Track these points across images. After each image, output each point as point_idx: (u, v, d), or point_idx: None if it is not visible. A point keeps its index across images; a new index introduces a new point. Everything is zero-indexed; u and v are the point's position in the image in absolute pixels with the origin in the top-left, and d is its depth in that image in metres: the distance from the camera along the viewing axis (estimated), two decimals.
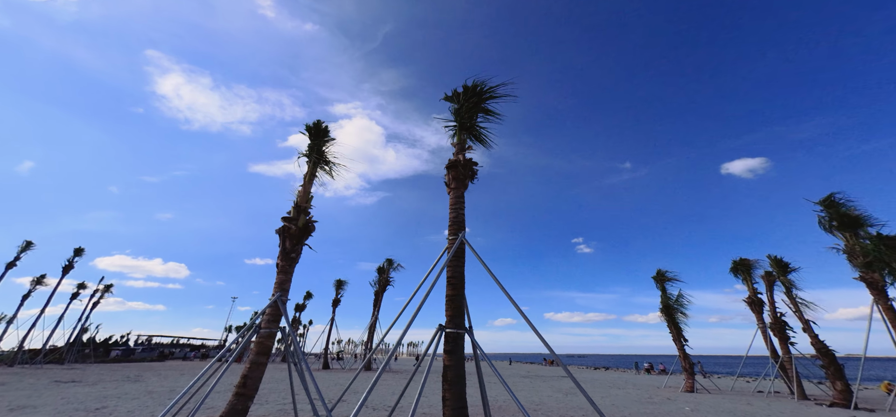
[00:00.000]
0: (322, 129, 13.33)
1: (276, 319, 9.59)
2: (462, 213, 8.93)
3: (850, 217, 15.58)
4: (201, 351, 68.03)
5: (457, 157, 9.82)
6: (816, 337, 16.34)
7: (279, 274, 10.25)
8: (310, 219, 11.35)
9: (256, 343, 9.17)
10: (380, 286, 43.00)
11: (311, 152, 12.84)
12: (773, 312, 19.97)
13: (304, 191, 11.89)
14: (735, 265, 24.80)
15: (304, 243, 11.10)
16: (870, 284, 13.99)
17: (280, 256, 10.53)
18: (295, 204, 11.54)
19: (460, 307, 7.59)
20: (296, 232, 10.85)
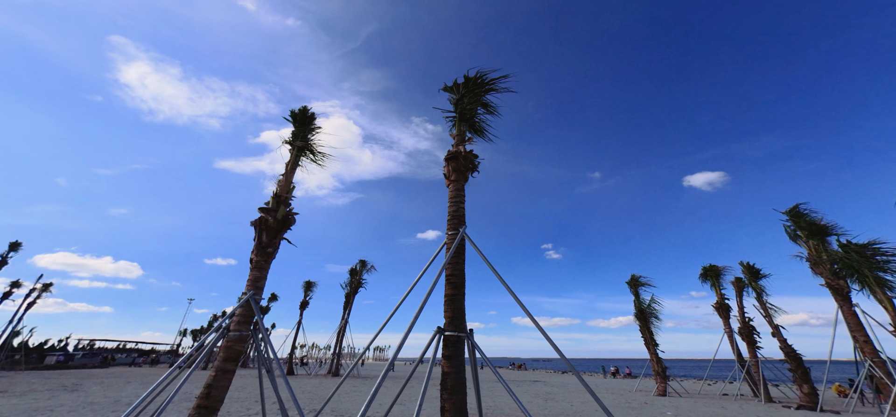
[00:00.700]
0: (309, 116, 12.33)
1: (248, 320, 8.51)
2: (462, 207, 8.33)
3: (819, 226, 16.52)
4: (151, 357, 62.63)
5: (457, 148, 9.23)
6: (785, 341, 17.15)
7: (253, 270, 9.16)
8: (290, 211, 10.32)
9: (224, 347, 8.05)
10: (351, 288, 41.42)
11: (295, 139, 11.81)
12: (741, 317, 20.87)
13: (285, 181, 10.84)
14: (705, 271, 25.89)
15: (282, 237, 10.05)
16: (835, 290, 14.81)
17: (255, 251, 9.44)
18: (274, 193, 10.47)
19: (461, 308, 6.96)
20: (274, 224, 9.80)
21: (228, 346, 8.04)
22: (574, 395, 21.06)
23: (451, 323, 6.73)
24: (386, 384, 26.26)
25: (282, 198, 10.43)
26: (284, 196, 10.53)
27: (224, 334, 8.20)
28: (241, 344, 8.19)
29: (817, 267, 17.21)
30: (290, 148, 11.89)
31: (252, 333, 8.49)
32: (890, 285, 11.90)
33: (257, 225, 9.81)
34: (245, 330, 8.36)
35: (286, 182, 10.89)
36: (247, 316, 8.51)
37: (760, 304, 18.95)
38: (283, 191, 10.64)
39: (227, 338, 8.14)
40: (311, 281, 44.40)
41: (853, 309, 14.09)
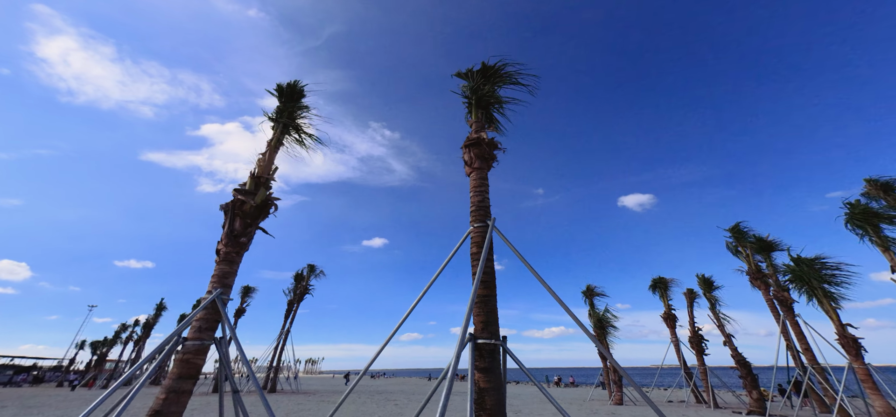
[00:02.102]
0: (298, 91, 10.65)
1: (212, 326, 6.66)
2: (487, 197, 7.46)
3: (766, 242, 18.38)
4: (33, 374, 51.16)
5: (478, 135, 8.35)
6: (736, 350, 18.65)
7: (221, 263, 7.32)
8: (270, 195, 8.56)
9: (179, 360, 6.13)
10: (296, 295, 37.81)
11: (279, 116, 10.05)
12: (691, 327, 22.48)
13: (267, 160, 9.08)
14: (654, 283, 27.75)
15: (259, 225, 8.26)
16: (781, 301, 16.44)
17: (224, 239, 7.59)
18: (252, 174, 8.65)
19: (495, 311, 5.99)
20: (251, 209, 8.02)
21: (185, 359, 6.13)
22: (532, 406, 20.84)
23: (484, 329, 5.72)
24: (371, 401, 23.72)
25: (262, 180, 8.65)
26: (264, 177, 8.75)
27: (179, 344, 6.26)
28: (200, 357, 6.31)
29: (757, 280, 19.13)
30: (274, 124, 10.09)
31: (217, 343, 6.62)
32: (834, 297, 13.34)
33: (229, 210, 7.96)
34: (207, 338, 6.48)
35: (268, 161, 9.11)
36: (210, 321, 6.64)
37: (714, 314, 20.57)
38: (263, 172, 8.86)
39: (182, 349, 6.21)
40: (250, 287, 39.83)
41: (797, 320, 15.73)
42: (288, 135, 10.30)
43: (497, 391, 5.44)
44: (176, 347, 6.21)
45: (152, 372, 5.70)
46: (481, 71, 9.73)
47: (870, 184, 15.37)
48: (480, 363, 5.60)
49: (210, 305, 6.66)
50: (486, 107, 9.69)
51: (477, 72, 10.06)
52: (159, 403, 5.69)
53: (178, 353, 6.17)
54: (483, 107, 9.59)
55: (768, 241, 18.48)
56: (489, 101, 9.74)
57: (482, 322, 5.88)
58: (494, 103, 9.87)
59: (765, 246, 18.55)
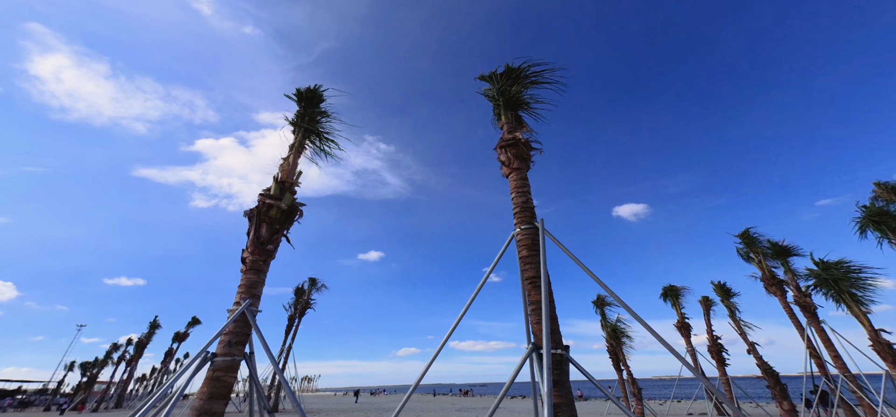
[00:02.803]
0: (317, 96, 10.28)
1: (241, 340, 6.12)
2: (530, 198, 7.06)
3: (782, 247, 18.12)
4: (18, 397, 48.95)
5: (513, 135, 8.04)
6: (761, 358, 18.17)
7: (248, 272, 6.82)
8: (296, 201, 8.11)
9: (208, 378, 5.58)
10: (297, 310, 36.80)
11: (299, 120, 9.68)
12: (710, 335, 21.98)
13: (290, 165, 8.68)
14: (665, 291, 27.30)
15: (285, 232, 7.79)
16: (803, 307, 16.07)
17: (250, 247, 7.10)
18: (276, 179, 8.23)
19: (555, 318, 5.54)
20: (278, 214, 7.57)
21: (215, 377, 5.57)
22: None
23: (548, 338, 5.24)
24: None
25: (287, 184, 8.21)
26: (289, 182, 8.31)
27: (209, 360, 5.70)
28: (231, 374, 5.76)
29: (772, 287, 18.81)
30: (294, 129, 9.71)
31: (247, 358, 6.08)
32: (862, 301, 13.03)
33: (255, 216, 7.50)
34: (237, 353, 5.94)
35: (292, 166, 8.69)
36: (240, 335, 6.11)
37: (734, 322, 20.12)
38: (287, 176, 8.43)
39: (212, 366, 5.66)
40: None
41: (822, 326, 15.37)
42: (309, 140, 9.93)
43: (569, 407, 4.96)
44: (204, 364, 5.65)
45: (181, 393, 5.13)
46: (505, 73, 9.58)
47: (879, 187, 15.24)
48: (550, 375, 5.11)
49: (239, 318, 6.14)
50: (515, 108, 9.45)
51: (501, 75, 9.99)
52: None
53: (209, 370, 5.61)
54: (512, 108, 9.36)
55: (784, 246, 18.23)
56: (518, 102, 9.51)
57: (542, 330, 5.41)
58: (523, 104, 9.64)
59: (780, 251, 18.29)
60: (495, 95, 10.03)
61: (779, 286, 18.63)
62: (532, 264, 6.01)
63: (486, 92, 10.96)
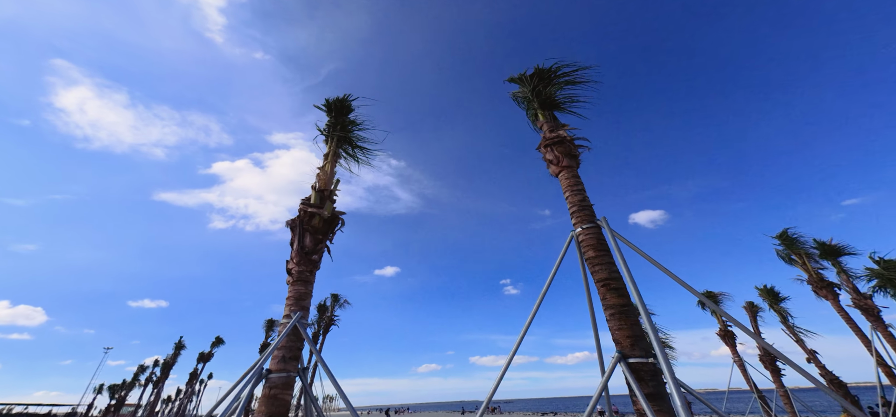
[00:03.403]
0: (346, 106, 10.24)
1: (295, 355, 5.85)
2: (586, 195, 6.67)
3: (830, 246, 17.00)
4: None
5: (557, 133, 7.72)
6: (824, 368, 16.85)
7: (295, 284, 6.59)
8: (336, 210, 7.94)
9: (265, 397, 5.30)
10: (321, 326, 36.65)
11: (332, 130, 9.63)
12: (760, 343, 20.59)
13: (327, 173, 8.53)
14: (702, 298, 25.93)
15: (328, 241, 7.60)
16: (865, 310, 14.86)
17: (295, 258, 6.91)
18: (315, 188, 8.10)
19: (638, 322, 5.07)
20: (320, 223, 7.38)
21: (272, 396, 5.29)
22: None
23: (634, 346, 4.78)
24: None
25: (326, 193, 8.05)
26: (328, 190, 8.16)
27: (263, 378, 5.44)
28: (288, 392, 5.47)
29: (822, 289, 17.57)
30: (327, 138, 9.67)
31: (301, 374, 5.79)
32: None
33: (297, 225, 7.33)
34: (292, 369, 5.67)
35: (328, 175, 8.56)
36: (293, 350, 5.85)
37: (788, 329, 18.82)
38: (325, 185, 8.29)
39: (268, 383, 5.39)
40: (274, 320, 38.91)
41: (889, 330, 14.14)
42: (342, 149, 9.86)
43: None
44: (260, 381, 5.39)
45: (240, 414, 4.86)
46: (535, 75, 9.46)
47: None
48: (646, 387, 4.62)
49: (292, 332, 5.89)
50: (551, 108, 9.19)
51: (530, 77, 9.86)
52: None
53: (265, 388, 5.35)
54: (548, 107, 9.11)
55: (834, 245, 17.03)
56: (554, 102, 9.25)
57: (629, 337, 4.92)
58: (558, 104, 9.37)
59: (830, 250, 17.11)
60: (529, 96, 9.86)
61: (829, 288, 17.43)
62: (603, 265, 5.58)
63: (517, 94, 10.81)
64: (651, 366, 4.59)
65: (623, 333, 4.89)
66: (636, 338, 4.83)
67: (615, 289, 5.28)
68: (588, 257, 5.84)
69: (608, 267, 5.55)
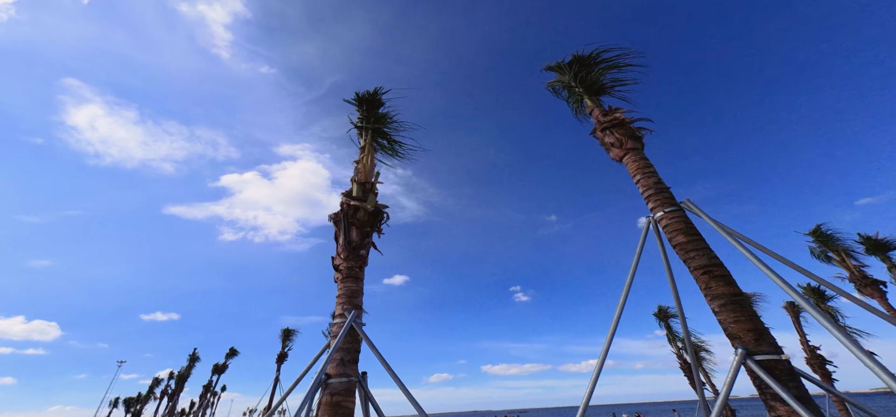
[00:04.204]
0: (377, 100, 9.79)
1: (353, 358, 5.29)
2: (660, 178, 6.08)
3: (877, 241, 16.12)
4: None
5: (614, 115, 7.15)
6: (887, 370, 15.76)
7: (345, 281, 6.06)
8: (379, 204, 7.43)
9: (327, 404, 4.74)
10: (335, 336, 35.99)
11: (365, 122, 9.19)
12: (805, 345, 19.50)
13: (367, 166, 8.05)
14: None
15: (372, 236, 7.08)
16: None
17: (341, 253, 6.39)
18: (355, 181, 7.59)
19: (757, 313, 4.41)
20: (365, 216, 6.88)
21: (334, 403, 4.72)
22: None
23: (759, 340, 4.11)
24: None
25: (367, 186, 7.56)
26: (369, 183, 7.67)
27: (324, 382, 4.88)
28: (349, 398, 4.90)
29: (867, 287, 16.58)
30: (360, 132, 9.22)
31: (361, 379, 5.22)
32: None
33: (342, 220, 6.83)
34: (351, 373, 5.10)
35: (368, 167, 8.07)
36: (351, 353, 5.29)
37: (840, 331, 17.69)
38: (366, 177, 7.80)
39: (328, 390, 4.83)
40: (291, 329, 38.40)
41: None
42: (377, 142, 9.39)
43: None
44: (319, 387, 4.83)
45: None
46: (574, 61, 9.01)
47: None
48: (786, 389, 3.94)
49: (349, 333, 5.34)
50: (598, 93, 8.68)
51: (568, 64, 9.41)
52: None
53: (325, 395, 4.78)
54: (595, 93, 8.60)
55: (881, 240, 16.00)
56: (601, 87, 8.73)
57: (750, 330, 4.22)
58: (604, 89, 8.85)
59: (877, 245, 16.08)
60: (570, 83, 9.40)
61: (875, 286, 16.46)
62: (699, 251, 4.95)
63: (554, 83, 10.36)
64: (786, 365, 3.93)
65: (742, 326, 4.23)
66: (761, 332, 4.17)
67: (721, 277, 4.65)
68: (677, 243, 5.22)
69: (707, 253, 4.93)
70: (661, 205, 5.67)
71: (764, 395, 3.87)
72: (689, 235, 5.16)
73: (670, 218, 5.46)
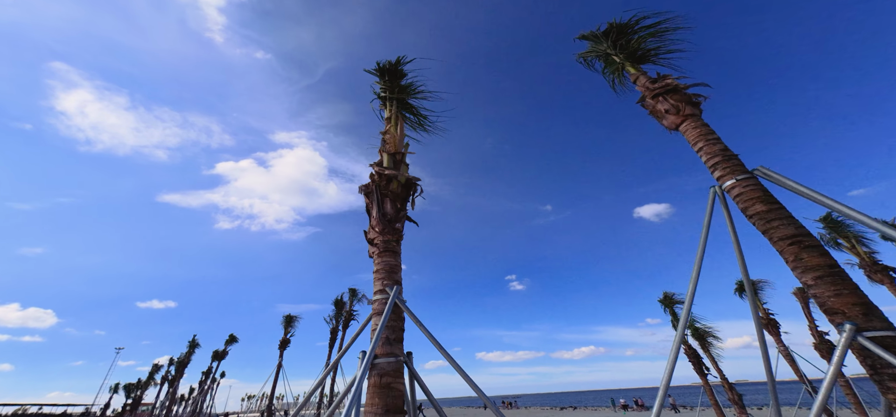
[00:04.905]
0: (399, 70, 9.15)
1: (398, 337, 4.84)
2: (725, 144, 5.61)
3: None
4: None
5: (664, 82, 6.64)
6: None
7: (383, 255, 5.57)
8: (410, 176, 6.90)
9: (376, 386, 4.29)
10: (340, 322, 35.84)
11: (389, 92, 8.59)
12: (814, 331, 19.49)
13: (396, 136, 7.47)
14: (740, 285, 24.78)
15: (406, 209, 6.57)
16: None
17: (376, 226, 5.89)
18: (385, 152, 7.05)
19: (857, 285, 3.96)
20: (399, 188, 6.36)
21: (384, 384, 4.27)
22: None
23: (869, 315, 3.65)
24: None
25: (398, 157, 7.01)
26: (400, 153, 7.12)
27: (372, 361, 4.42)
28: (399, 380, 4.45)
29: (876, 273, 16.49)
30: (385, 103, 8.63)
31: (407, 359, 4.77)
32: None
33: (374, 191, 6.30)
34: (398, 352, 4.65)
35: (397, 136, 7.50)
36: (396, 331, 4.83)
37: None
38: (396, 147, 7.24)
39: (377, 371, 4.37)
40: (293, 316, 38.05)
41: None
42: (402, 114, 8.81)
43: None
44: (368, 368, 4.37)
45: (352, 406, 3.84)
46: (611, 29, 8.48)
47: None
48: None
49: (393, 310, 4.86)
50: (640, 61, 8.14)
51: (603, 33, 8.88)
52: None
53: (373, 377, 4.32)
54: (637, 61, 8.07)
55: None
56: (643, 55, 8.18)
57: (857, 304, 3.74)
58: (647, 56, 8.30)
59: None
60: (610, 52, 8.82)
61: (885, 272, 16.37)
62: (783, 220, 4.49)
63: (588, 53, 9.79)
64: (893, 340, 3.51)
65: (845, 300, 3.80)
66: (868, 306, 3.75)
67: (813, 247, 4.21)
68: (755, 213, 4.76)
69: (792, 222, 4.48)
70: (730, 172, 5.20)
71: (878, 376, 3.46)
72: (770, 203, 4.70)
73: (743, 186, 5.00)
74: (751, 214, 4.82)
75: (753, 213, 4.79)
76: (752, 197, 4.86)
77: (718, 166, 5.38)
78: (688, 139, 6.02)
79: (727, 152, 5.46)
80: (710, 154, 5.54)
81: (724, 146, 5.56)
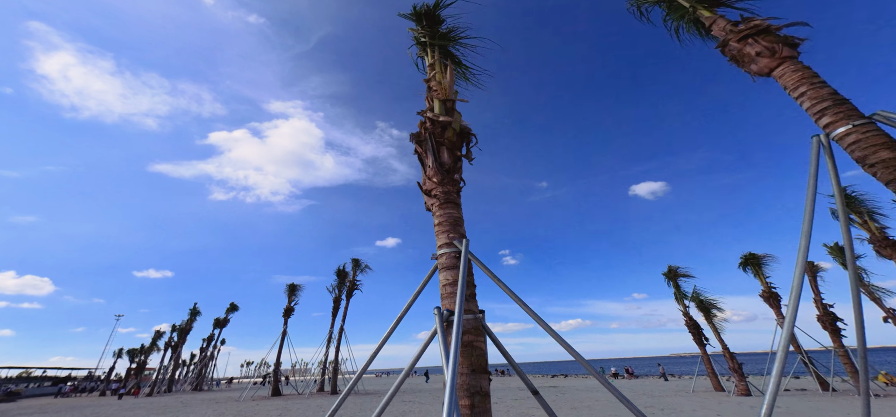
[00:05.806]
0: (436, 17, 8.20)
1: (473, 293, 4.34)
2: (833, 88, 5.00)
3: None
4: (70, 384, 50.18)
5: (754, 23, 5.91)
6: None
7: (444, 207, 5.00)
8: (464, 124, 6.23)
9: (466, 345, 3.82)
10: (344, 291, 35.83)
11: (429, 38, 7.73)
12: (819, 304, 19.71)
13: (445, 83, 6.70)
14: (744, 260, 24.84)
15: (462, 159, 5.94)
16: None
17: (435, 176, 5.28)
18: (436, 98, 6.33)
19: None
20: (454, 137, 5.70)
21: (467, 343, 3.81)
22: (640, 401, 18.30)
23: None
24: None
25: (449, 104, 6.30)
26: (451, 100, 6.40)
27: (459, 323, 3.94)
28: (481, 339, 4.00)
29: (885, 249, 16.46)
30: (424, 49, 7.82)
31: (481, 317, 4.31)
32: None
33: (427, 140, 5.65)
34: (475, 309, 4.18)
35: (446, 84, 6.72)
36: (470, 287, 4.34)
37: (864, 289, 17.78)
38: (446, 94, 6.50)
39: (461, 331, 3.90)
40: (296, 284, 37.93)
41: None
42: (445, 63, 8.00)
43: None
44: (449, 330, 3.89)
45: (455, 364, 3.38)
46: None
47: None
48: None
49: (466, 264, 4.33)
50: (714, 4, 7.35)
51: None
52: (467, 412, 3.41)
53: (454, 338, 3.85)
54: (711, 4, 7.28)
55: None
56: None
57: None
58: None
59: None
60: None
61: (894, 247, 16.34)
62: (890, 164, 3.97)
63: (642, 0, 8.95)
64: None
65: None
66: None
67: None
68: (879, 160, 4.23)
69: None
70: (843, 118, 4.63)
71: None
72: (893, 150, 4.16)
73: (861, 132, 4.43)
74: (871, 163, 4.29)
75: (875, 162, 4.26)
76: (873, 144, 4.32)
77: (827, 111, 4.79)
78: (784, 84, 5.39)
79: (837, 96, 4.86)
80: (816, 99, 4.94)
81: (833, 90, 4.94)
